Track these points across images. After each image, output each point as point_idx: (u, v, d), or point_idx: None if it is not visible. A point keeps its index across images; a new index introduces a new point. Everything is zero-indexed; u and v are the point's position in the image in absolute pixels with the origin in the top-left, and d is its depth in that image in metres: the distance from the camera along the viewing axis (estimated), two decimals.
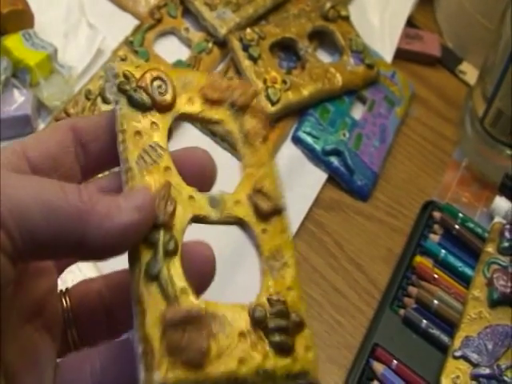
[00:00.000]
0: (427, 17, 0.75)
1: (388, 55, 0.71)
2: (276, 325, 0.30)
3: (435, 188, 0.64)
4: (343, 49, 0.68)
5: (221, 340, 0.28)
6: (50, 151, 0.30)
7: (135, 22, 0.66)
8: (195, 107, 0.33)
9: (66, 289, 0.33)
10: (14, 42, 0.59)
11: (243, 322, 0.29)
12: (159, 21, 0.66)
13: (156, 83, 0.32)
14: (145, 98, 0.32)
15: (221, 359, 0.28)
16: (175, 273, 0.28)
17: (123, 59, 0.61)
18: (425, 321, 0.55)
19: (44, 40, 0.61)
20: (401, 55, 0.72)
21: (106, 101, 0.59)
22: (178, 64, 0.64)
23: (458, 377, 0.51)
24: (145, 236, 0.28)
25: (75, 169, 0.31)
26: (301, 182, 0.61)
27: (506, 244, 0.57)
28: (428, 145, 0.67)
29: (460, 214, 0.61)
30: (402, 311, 0.56)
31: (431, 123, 0.69)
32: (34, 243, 0.25)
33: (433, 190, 0.64)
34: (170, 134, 0.32)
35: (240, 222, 0.32)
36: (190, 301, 0.28)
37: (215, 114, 0.33)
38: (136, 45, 0.64)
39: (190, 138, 0.61)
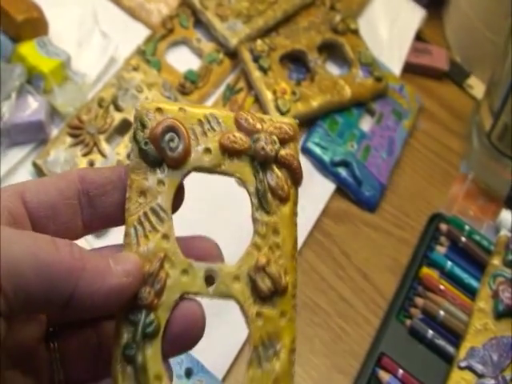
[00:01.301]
0: (436, 31, 0.76)
1: (396, 68, 0.72)
2: None
3: (442, 200, 0.65)
4: (352, 61, 0.69)
5: None
6: (50, 199, 0.29)
7: (147, 32, 0.67)
8: (212, 159, 0.30)
9: (54, 330, 0.31)
10: (28, 49, 0.59)
11: None
12: (171, 31, 0.67)
13: (168, 136, 0.29)
14: (154, 152, 0.29)
15: None
16: (152, 357, 0.28)
17: (135, 68, 0.62)
18: (431, 331, 0.55)
19: (58, 47, 0.61)
20: (409, 69, 0.73)
21: (118, 108, 0.60)
22: (189, 74, 0.65)
23: None
24: (128, 313, 0.28)
25: (76, 221, 0.30)
26: (309, 193, 0.62)
27: (511, 257, 0.58)
28: (435, 157, 0.68)
29: (466, 227, 0.61)
30: (408, 321, 0.56)
31: (438, 136, 0.69)
32: (26, 300, 0.25)
33: (439, 203, 0.65)
34: (181, 191, 0.30)
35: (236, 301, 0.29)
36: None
37: (233, 168, 0.30)
38: (148, 54, 0.65)
39: None
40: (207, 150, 0.30)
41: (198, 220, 0.46)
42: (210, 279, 0.29)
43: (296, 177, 0.31)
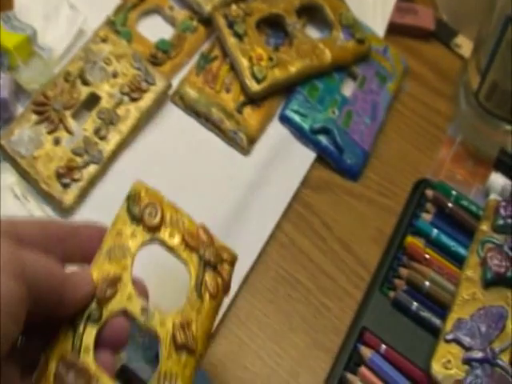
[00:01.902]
0: None
1: (380, 30, 0.68)
2: None
3: (429, 166, 0.60)
4: (333, 24, 0.64)
5: None
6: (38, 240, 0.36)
7: (118, 1, 0.63)
8: (173, 242, 0.40)
9: None
10: None
11: None
12: None
13: (148, 209, 0.39)
14: (137, 213, 0.39)
15: None
16: (88, 335, 0.35)
17: (104, 40, 0.58)
18: (415, 303, 0.51)
19: (23, 22, 0.57)
20: (393, 29, 0.68)
21: (85, 82, 0.56)
22: (162, 43, 0.60)
23: (449, 361, 0.48)
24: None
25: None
26: (288, 162, 0.58)
27: (501, 222, 0.54)
28: (421, 121, 0.63)
29: (453, 192, 0.57)
30: (392, 293, 0.52)
31: (425, 98, 0.65)
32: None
33: (426, 168, 0.60)
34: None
35: (156, 337, 0.37)
36: (87, 359, 0.35)
37: (185, 254, 0.40)
38: (118, 24, 0.61)
39: (175, 118, 0.58)
40: (172, 234, 0.40)
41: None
42: (144, 312, 0.37)
43: (225, 287, 0.40)
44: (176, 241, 0.40)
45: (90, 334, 0.36)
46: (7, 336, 0.31)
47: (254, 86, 0.59)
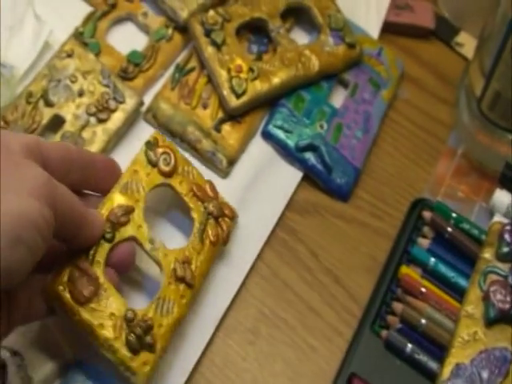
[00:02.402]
0: None
1: (374, 30, 0.61)
2: (136, 334, 0.40)
3: (427, 182, 0.54)
4: (321, 27, 0.58)
5: (99, 305, 0.39)
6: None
7: (88, 10, 0.57)
8: (181, 189, 0.45)
9: None
10: None
11: (118, 311, 0.40)
12: (114, 6, 0.57)
13: (163, 156, 0.45)
14: (153, 158, 0.45)
15: (93, 313, 0.39)
16: (101, 251, 0.40)
17: (70, 55, 0.52)
18: (410, 345, 0.45)
19: None
20: (389, 29, 0.62)
21: (48, 103, 0.50)
22: (133, 55, 0.54)
23: None
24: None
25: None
26: (272, 184, 0.52)
27: (506, 249, 0.48)
28: (419, 131, 0.57)
29: (453, 214, 0.51)
30: (384, 333, 0.46)
31: (424, 105, 0.58)
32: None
33: (424, 185, 0.54)
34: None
35: (159, 266, 0.43)
36: (97, 271, 0.40)
37: (192, 203, 0.45)
38: (86, 36, 0.55)
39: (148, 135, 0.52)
40: (182, 183, 0.45)
41: None
42: (151, 242, 0.43)
43: (224, 238, 0.46)
44: (185, 189, 0.45)
45: (102, 251, 0.40)
46: (37, 255, 0.33)
47: (233, 101, 0.53)
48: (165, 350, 0.41)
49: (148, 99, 0.53)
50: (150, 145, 0.45)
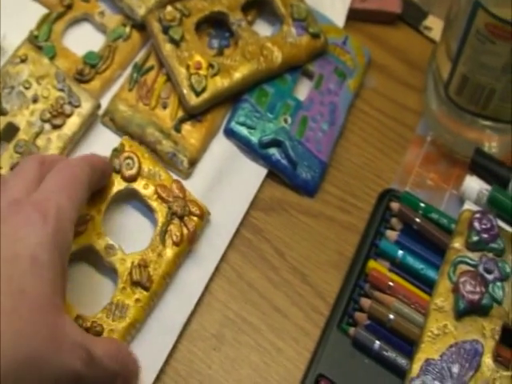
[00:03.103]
0: None
1: (339, 19, 0.59)
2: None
3: (396, 172, 0.52)
4: (284, 18, 0.56)
5: None
6: None
7: (44, 12, 0.55)
8: (145, 192, 0.46)
9: None
10: None
11: None
12: (69, 7, 0.55)
13: (126, 161, 0.46)
14: (117, 164, 0.46)
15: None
16: None
17: (23, 60, 0.50)
18: (378, 342, 0.44)
19: None
20: (355, 16, 0.60)
21: (1, 112, 0.49)
22: (89, 56, 0.53)
23: None
24: None
25: None
26: (236, 182, 0.50)
27: (476, 238, 0.46)
28: (388, 120, 0.55)
29: (422, 204, 0.49)
30: (352, 330, 0.45)
31: (392, 93, 0.56)
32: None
33: (393, 175, 0.52)
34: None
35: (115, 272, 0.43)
36: None
37: (155, 204, 0.45)
38: (41, 39, 0.53)
39: (106, 142, 0.50)
40: (147, 185, 0.46)
41: None
42: (108, 249, 0.44)
43: (190, 237, 0.45)
44: (149, 191, 0.45)
45: None
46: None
47: (193, 99, 0.51)
48: None
49: (105, 101, 0.51)
50: (116, 152, 0.46)
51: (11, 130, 0.49)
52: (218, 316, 0.45)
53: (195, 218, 0.45)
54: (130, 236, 0.45)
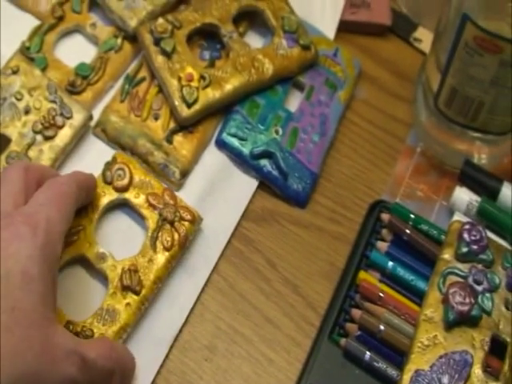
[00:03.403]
0: None
1: (330, 30, 0.59)
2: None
3: (386, 183, 0.53)
4: (274, 30, 0.56)
5: None
6: None
7: (36, 24, 0.55)
8: (136, 200, 0.47)
9: None
10: None
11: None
12: (61, 19, 0.55)
13: (118, 172, 0.47)
14: (108, 176, 0.47)
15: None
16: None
17: (15, 71, 0.51)
18: (368, 353, 0.44)
19: None
20: (346, 28, 0.60)
21: None
22: (81, 67, 0.53)
23: None
24: None
25: None
26: (227, 193, 0.51)
27: (465, 249, 0.46)
28: (378, 131, 0.56)
29: (412, 215, 0.49)
30: (343, 341, 0.45)
31: (382, 104, 0.57)
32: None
33: (384, 186, 0.53)
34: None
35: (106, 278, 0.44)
36: None
37: (146, 211, 0.46)
38: (33, 51, 0.53)
39: (97, 153, 0.51)
40: (138, 194, 0.47)
41: None
42: (99, 257, 0.45)
43: (181, 242, 0.46)
44: (140, 200, 0.46)
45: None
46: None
47: (185, 111, 0.51)
48: None
49: (97, 113, 0.52)
50: (108, 164, 0.47)
51: (3, 141, 0.49)
52: (209, 327, 0.46)
53: (186, 223, 0.45)
54: (122, 243, 0.46)
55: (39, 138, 0.49)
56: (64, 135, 0.49)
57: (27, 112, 0.49)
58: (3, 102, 0.50)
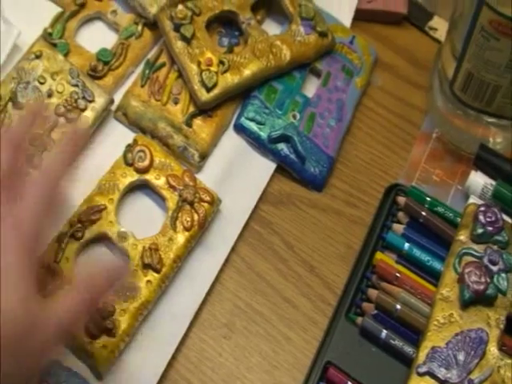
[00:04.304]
0: None
1: (346, 18, 0.60)
2: (94, 320, 0.42)
3: (402, 168, 0.53)
4: (292, 17, 0.57)
5: None
6: None
7: (58, 11, 0.56)
8: (157, 182, 0.47)
9: None
10: None
11: None
12: (83, 6, 0.56)
13: (139, 154, 0.48)
14: (129, 158, 0.48)
15: None
16: (70, 249, 0.45)
17: (38, 56, 0.52)
18: (385, 331, 0.45)
19: None
20: (362, 17, 0.61)
21: (17, 106, 0.50)
22: (102, 53, 0.54)
23: None
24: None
25: None
26: (245, 176, 0.51)
27: (480, 230, 0.47)
28: (394, 117, 0.56)
29: (428, 198, 0.50)
30: (359, 320, 0.46)
31: (398, 92, 0.57)
32: None
33: (399, 171, 0.53)
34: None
35: (127, 257, 0.45)
36: (64, 265, 0.44)
37: (166, 192, 0.47)
38: (55, 37, 0.54)
39: (118, 136, 0.51)
40: (158, 176, 0.48)
41: None
42: (120, 235, 0.46)
43: (200, 223, 0.46)
44: (161, 181, 0.47)
45: (71, 249, 0.44)
46: None
47: (204, 95, 0.52)
48: (128, 334, 0.42)
49: (118, 97, 0.53)
50: (129, 146, 0.48)
51: None
52: (228, 306, 0.46)
53: (205, 205, 0.46)
54: (143, 223, 0.47)
55: (62, 120, 0.49)
56: (86, 118, 0.50)
57: (50, 95, 0.50)
58: (27, 85, 0.50)
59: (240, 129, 0.53)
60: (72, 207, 0.46)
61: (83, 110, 0.50)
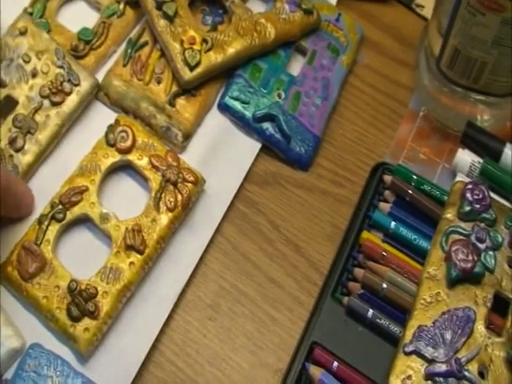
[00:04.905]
0: None
1: None
2: (76, 303, 0.42)
3: (389, 146, 0.52)
4: None
5: (45, 279, 0.42)
6: None
7: None
8: (139, 162, 0.47)
9: None
10: None
11: (63, 283, 0.42)
12: None
13: (121, 134, 0.47)
14: (111, 138, 0.47)
15: (39, 287, 0.42)
16: (51, 231, 0.44)
17: (23, 32, 0.50)
18: (371, 310, 0.44)
19: None
20: None
21: (0, 84, 0.48)
22: (83, 32, 0.52)
23: (409, 377, 0.41)
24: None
25: None
26: (230, 156, 0.50)
27: (468, 208, 0.46)
28: (380, 96, 0.55)
29: (414, 176, 0.49)
30: (345, 299, 0.45)
31: (384, 70, 0.56)
32: None
33: (386, 150, 0.52)
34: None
35: (109, 238, 0.44)
36: (45, 248, 0.43)
37: (149, 173, 0.46)
38: (36, 16, 0.53)
39: (101, 117, 0.50)
40: (141, 156, 0.47)
41: None
42: (102, 217, 0.45)
43: (183, 203, 0.45)
44: (143, 162, 0.46)
45: (52, 231, 0.43)
46: None
47: (187, 74, 0.51)
48: (110, 317, 0.42)
49: (100, 77, 0.51)
50: (111, 127, 0.47)
51: (10, 103, 0.48)
52: (213, 287, 0.46)
53: (189, 185, 0.45)
54: (126, 204, 0.46)
55: (46, 103, 0.48)
56: (71, 102, 0.49)
57: (34, 75, 0.49)
58: (10, 62, 0.49)
59: (224, 108, 0.52)
60: (53, 189, 0.45)
61: (68, 93, 0.49)
